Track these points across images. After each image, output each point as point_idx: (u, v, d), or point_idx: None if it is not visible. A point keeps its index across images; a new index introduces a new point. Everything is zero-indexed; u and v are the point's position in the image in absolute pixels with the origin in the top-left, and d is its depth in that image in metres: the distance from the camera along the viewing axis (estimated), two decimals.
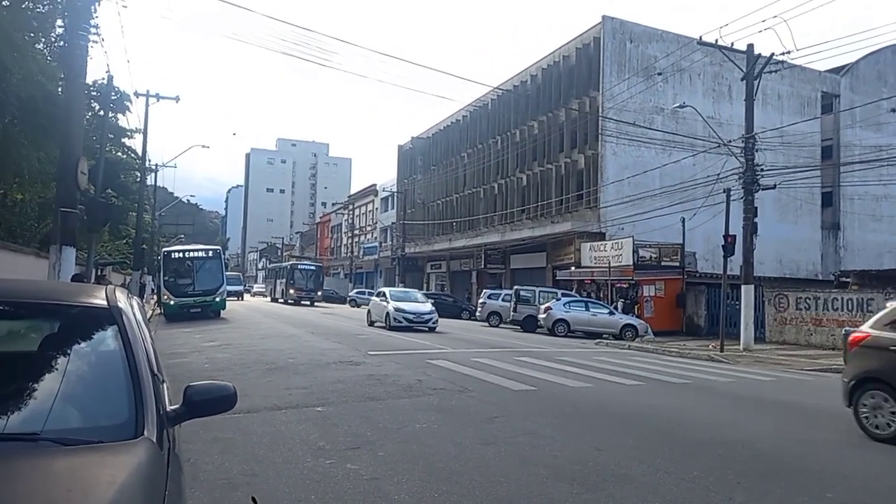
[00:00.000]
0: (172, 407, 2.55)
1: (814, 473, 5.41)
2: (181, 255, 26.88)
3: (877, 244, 35.23)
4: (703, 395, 9.86)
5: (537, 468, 5.32)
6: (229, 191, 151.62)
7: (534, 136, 36.17)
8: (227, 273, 51.69)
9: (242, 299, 49.05)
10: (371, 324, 23.18)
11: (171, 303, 24.71)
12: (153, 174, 38.76)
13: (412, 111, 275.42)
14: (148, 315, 23.57)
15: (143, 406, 2.25)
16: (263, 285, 66.98)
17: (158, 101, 28.26)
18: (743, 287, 18.97)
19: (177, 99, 28.36)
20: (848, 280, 24.76)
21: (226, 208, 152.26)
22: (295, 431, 6.42)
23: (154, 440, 2.15)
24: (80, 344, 2.60)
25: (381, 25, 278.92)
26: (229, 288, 39.96)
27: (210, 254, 27.12)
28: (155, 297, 33.68)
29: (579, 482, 4.96)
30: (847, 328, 16.16)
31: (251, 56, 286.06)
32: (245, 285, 67.28)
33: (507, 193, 38.81)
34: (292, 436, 6.24)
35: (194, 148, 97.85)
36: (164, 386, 3.00)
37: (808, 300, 21.21)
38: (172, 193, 59.52)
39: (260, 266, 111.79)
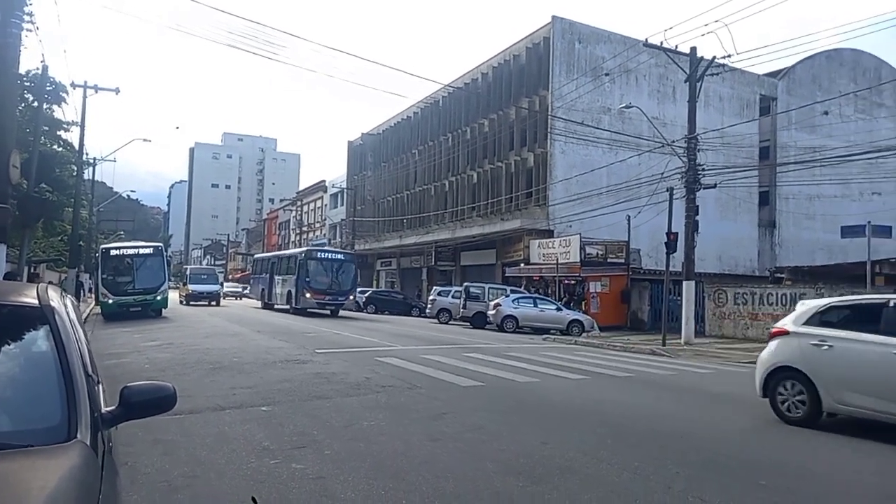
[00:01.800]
0: (108, 409, 2.48)
1: (747, 461, 5.64)
2: (120, 252, 26.08)
3: (810, 241, 36.82)
4: (645, 388, 10.14)
5: (484, 462, 5.37)
6: (172, 186, 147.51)
7: (484, 133, 36.42)
8: (199, 268, 42.70)
9: (218, 304, 36.45)
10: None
11: (110, 301, 23.95)
12: (91, 168, 37.41)
13: (362, 107, 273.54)
14: (85, 314, 22.81)
15: (77, 408, 2.18)
16: (238, 285, 57.18)
17: (97, 92, 27.27)
18: (684, 283, 19.56)
19: (117, 91, 27.43)
20: (782, 276, 25.83)
21: (168, 204, 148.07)
22: (239, 432, 6.31)
23: (88, 443, 2.10)
24: (9, 344, 2.51)
25: (331, 21, 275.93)
26: (203, 288, 36.98)
27: (151, 251, 26.37)
28: (93, 295, 32.28)
29: (525, 475, 5.03)
30: None
31: (196, 48, 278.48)
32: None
33: (457, 191, 38.97)
34: (236, 436, 6.13)
35: (136, 142, 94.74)
36: (100, 387, 2.91)
37: (745, 295, 22.03)
38: (112, 189, 57.55)
39: (204, 263, 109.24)
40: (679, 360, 14.92)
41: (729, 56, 18.99)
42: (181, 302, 36.48)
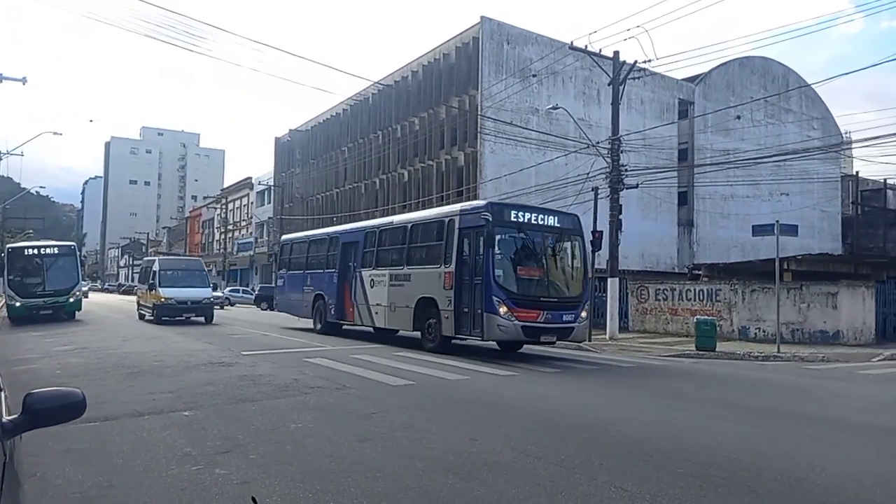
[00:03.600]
0: (10, 417, 2.32)
1: (666, 452, 5.86)
2: (29, 251, 24.63)
3: (725, 239, 38.70)
4: (572, 383, 10.38)
5: (413, 461, 5.36)
6: (86, 182, 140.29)
7: (415, 132, 36.40)
8: (174, 260, 32.67)
9: (211, 320, 23.50)
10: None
11: (18, 304, 22.63)
12: None
13: (288, 106, 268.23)
14: None
15: None
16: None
17: (2, 81, 25.53)
18: (609, 280, 20.17)
19: (24, 81, 25.75)
20: (700, 272, 27.04)
21: (83, 201, 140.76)
22: (159, 438, 6.06)
23: None
24: None
25: (257, 15, 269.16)
26: (185, 294, 22.89)
27: (63, 250, 25.07)
28: (3, 297, 30.51)
29: (454, 472, 5.06)
30: (699, 317, 17.68)
31: (111, 38, 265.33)
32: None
33: (388, 189, 38.79)
34: (156, 443, 5.88)
35: (45, 135, 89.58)
36: (2, 395, 2.73)
37: (665, 291, 22.92)
38: (19, 184, 54.23)
39: (122, 263, 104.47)
40: (604, 355, 15.37)
41: (649, 61, 19.71)
42: (144, 318, 24.66)
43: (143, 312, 25.14)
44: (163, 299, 22.71)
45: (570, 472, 5.12)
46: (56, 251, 24.81)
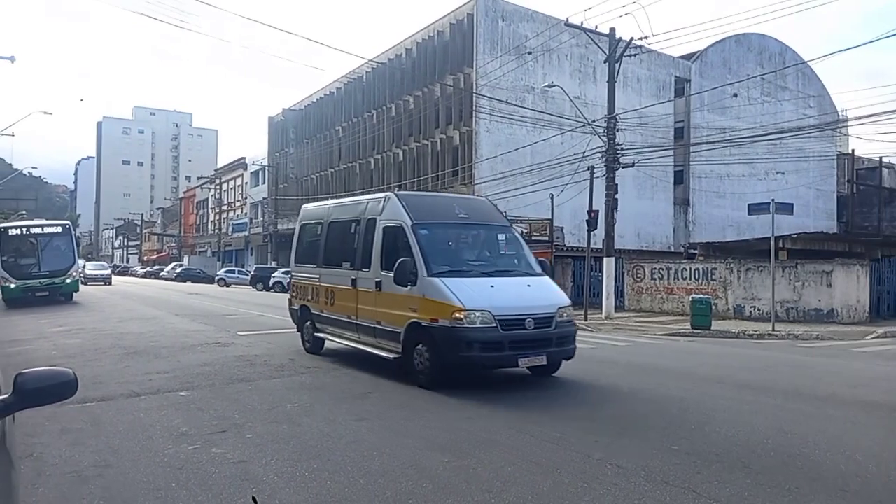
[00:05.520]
0: (1, 397, 2.30)
1: (662, 429, 5.90)
2: (23, 231, 23.70)
3: (721, 218, 38.73)
4: (567, 362, 10.41)
5: (409, 440, 5.39)
6: (79, 163, 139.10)
7: (409, 110, 36.13)
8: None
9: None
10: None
11: (12, 286, 21.91)
12: None
13: (282, 82, 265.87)
14: None
15: None
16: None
17: None
18: (605, 259, 20.18)
19: (12, 59, 25.36)
20: (695, 251, 27.08)
21: (76, 182, 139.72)
22: (155, 418, 6.06)
23: None
24: None
25: None
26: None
27: (58, 229, 24.20)
28: None
29: (450, 450, 5.08)
30: (694, 295, 17.74)
31: (100, 15, 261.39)
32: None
33: (383, 168, 38.60)
34: (152, 423, 5.89)
35: (35, 114, 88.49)
36: None
37: (661, 270, 22.96)
38: (11, 165, 53.78)
39: (117, 244, 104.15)
40: (600, 334, 15.42)
41: (646, 38, 19.54)
42: None
43: None
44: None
45: (566, 449, 5.15)
46: (51, 230, 24.03)
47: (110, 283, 40.33)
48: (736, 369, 10.02)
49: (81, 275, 31.58)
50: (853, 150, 42.99)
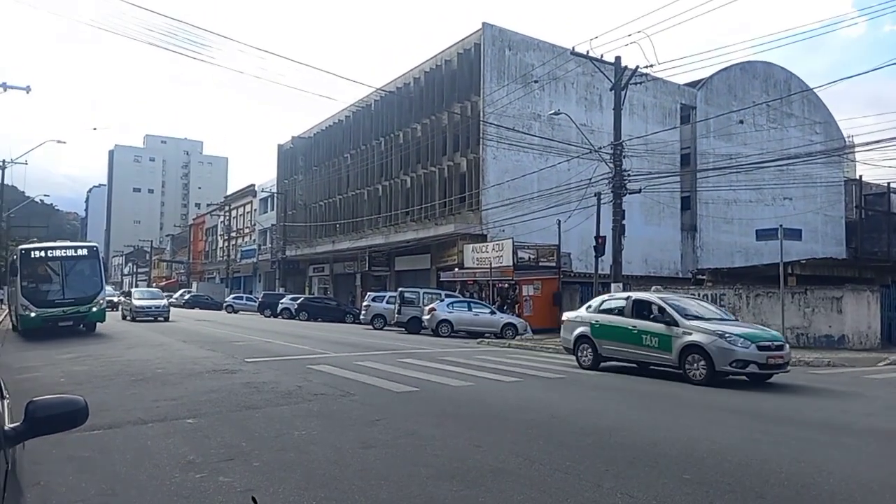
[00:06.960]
0: (12, 425, 2.31)
1: (673, 457, 5.82)
2: (45, 253, 20.75)
3: (728, 244, 38.63)
4: (575, 389, 10.34)
5: (418, 468, 5.33)
6: (90, 190, 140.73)
7: (417, 138, 36.45)
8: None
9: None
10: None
11: (32, 315, 19.31)
12: (0, 172, 35.28)
13: (292, 109, 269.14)
14: None
15: None
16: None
17: (6, 90, 25.79)
18: (612, 285, 20.12)
19: (27, 89, 25.99)
20: (703, 277, 26.93)
21: (87, 209, 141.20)
22: (162, 446, 6.04)
23: None
24: None
25: (260, 22, 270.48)
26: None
27: (84, 251, 21.43)
28: (6, 307, 27.19)
29: (458, 479, 5.03)
30: None
31: (114, 47, 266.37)
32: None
33: (391, 195, 38.83)
34: (159, 451, 5.86)
35: (49, 143, 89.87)
36: (5, 402, 2.71)
37: None
38: (24, 193, 54.43)
39: (126, 271, 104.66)
40: None
41: (651, 66, 19.73)
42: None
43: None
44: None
45: (576, 478, 5.09)
46: (76, 253, 21.29)
47: (167, 319, 28.74)
48: (747, 397, 9.90)
49: (130, 309, 29.78)
50: (860, 176, 42.95)
